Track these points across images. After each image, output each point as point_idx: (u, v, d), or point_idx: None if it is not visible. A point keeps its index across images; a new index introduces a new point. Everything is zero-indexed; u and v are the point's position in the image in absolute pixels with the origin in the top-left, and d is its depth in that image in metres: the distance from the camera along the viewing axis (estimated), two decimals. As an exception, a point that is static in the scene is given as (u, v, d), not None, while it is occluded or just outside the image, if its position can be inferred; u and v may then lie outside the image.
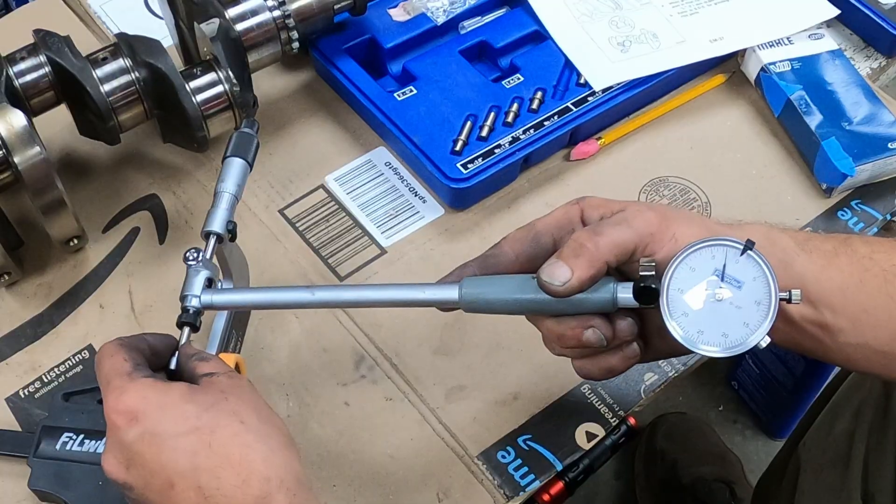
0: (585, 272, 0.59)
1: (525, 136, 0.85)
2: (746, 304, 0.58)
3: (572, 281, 0.59)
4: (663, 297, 0.58)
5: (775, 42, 0.92)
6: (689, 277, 0.58)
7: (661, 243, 0.59)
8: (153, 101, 0.80)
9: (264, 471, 0.54)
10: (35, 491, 0.69)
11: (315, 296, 0.65)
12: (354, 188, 0.88)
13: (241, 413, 0.56)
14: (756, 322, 0.57)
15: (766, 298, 0.57)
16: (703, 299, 0.58)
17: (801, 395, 1.31)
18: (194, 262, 0.66)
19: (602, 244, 0.59)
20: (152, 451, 0.55)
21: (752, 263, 0.58)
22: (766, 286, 0.57)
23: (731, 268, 0.58)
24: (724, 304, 0.58)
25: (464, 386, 0.77)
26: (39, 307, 0.81)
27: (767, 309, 0.57)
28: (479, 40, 0.93)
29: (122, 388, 0.56)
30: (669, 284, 0.58)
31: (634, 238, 0.59)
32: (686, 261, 0.58)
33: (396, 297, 0.64)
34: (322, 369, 0.78)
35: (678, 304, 0.58)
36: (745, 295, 0.58)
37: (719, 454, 1.35)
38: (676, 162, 0.90)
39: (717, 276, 0.58)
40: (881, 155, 0.85)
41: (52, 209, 0.75)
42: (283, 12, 0.84)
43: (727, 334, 0.58)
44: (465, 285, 0.62)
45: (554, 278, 0.59)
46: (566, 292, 0.59)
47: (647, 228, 0.60)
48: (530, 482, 0.72)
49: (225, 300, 0.66)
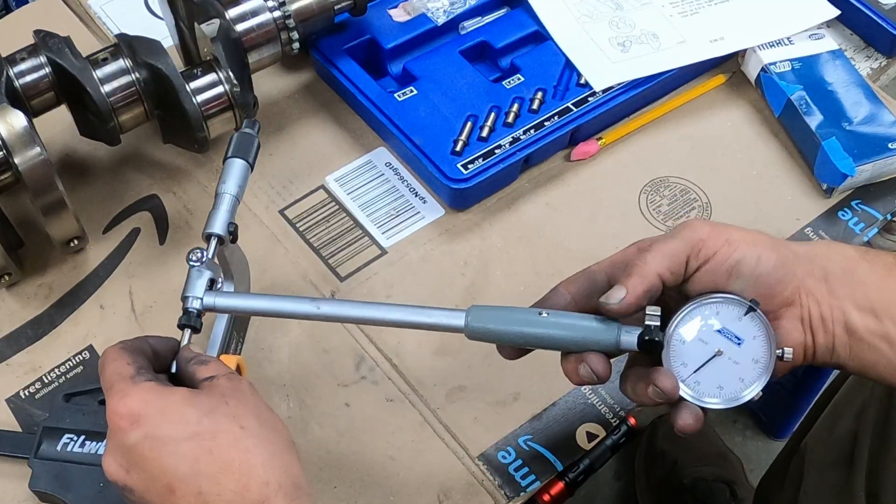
0: (639, 287, 0.60)
1: (525, 137, 0.85)
2: (744, 361, 0.61)
3: (628, 297, 0.60)
4: (666, 348, 0.61)
5: (775, 42, 0.92)
6: (692, 331, 0.61)
7: (713, 248, 0.61)
8: (153, 101, 0.80)
9: (263, 475, 0.54)
10: (36, 492, 0.69)
11: (320, 310, 0.64)
12: (355, 188, 0.88)
13: (242, 417, 0.56)
14: (751, 378, 0.61)
15: (763, 357, 0.61)
16: (704, 353, 0.61)
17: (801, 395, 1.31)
18: (198, 262, 0.66)
19: (650, 258, 0.61)
20: (153, 455, 0.55)
21: (755, 323, 0.60)
22: (765, 346, 0.60)
23: (733, 325, 0.61)
24: (722, 358, 0.61)
25: (464, 387, 0.77)
26: (40, 308, 0.81)
27: (764, 368, 0.61)
28: (479, 41, 0.93)
29: (124, 392, 0.57)
30: (673, 336, 0.61)
31: (683, 247, 0.61)
32: (693, 313, 0.61)
33: (402, 318, 0.64)
34: (323, 370, 0.78)
35: (679, 354, 0.61)
36: (744, 352, 0.61)
37: (720, 454, 1.35)
38: (677, 162, 0.90)
39: (719, 333, 0.61)
40: (881, 155, 0.85)
41: (52, 210, 0.75)
42: (283, 13, 0.84)
43: (722, 387, 0.61)
44: (471, 313, 0.63)
45: (610, 298, 0.61)
46: (622, 310, 0.60)
47: (695, 235, 0.61)
48: (531, 483, 0.72)
49: (227, 304, 0.66)
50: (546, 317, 0.62)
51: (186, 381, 0.61)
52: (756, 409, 1.45)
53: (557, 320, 0.62)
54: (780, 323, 0.62)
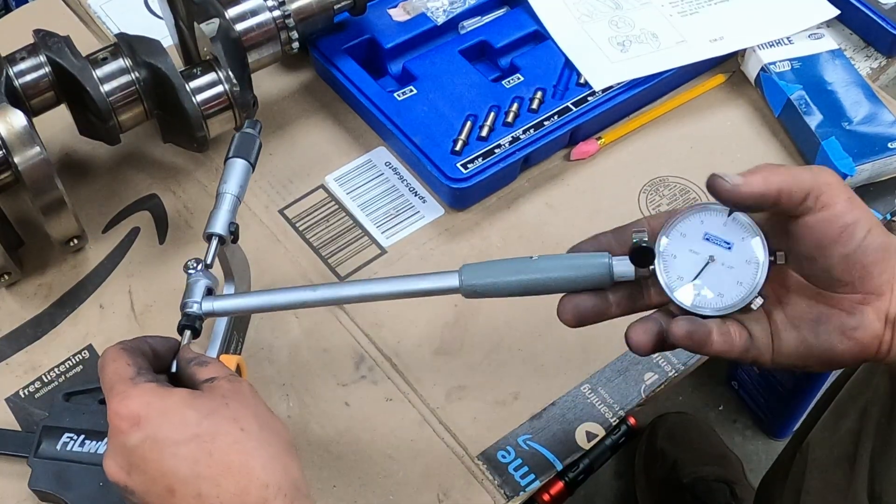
0: (758, 182, 0.57)
1: (525, 136, 0.85)
2: (738, 264, 0.60)
3: (743, 186, 0.58)
4: (658, 261, 0.60)
5: (775, 42, 0.92)
6: (680, 242, 0.61)
7: (835, 198, 0.58)
8: (153, 101, 0.80)
9: (263, 478, 0.54)
10: (35, 491, 0.69)
11: (316, 293, 0.65)
12: (354, 188, 0.88)
13: (242, 419, 0.56)
14: (749, 280, 0.60)
15: (756, 256, 0.60)
16: (697, 261, 0.60)
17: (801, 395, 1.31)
18: (194, 271, 0.66)
19: (781, 169, 0.58)
20: (154, 457, 0.55)
21: (739, 225, 0.60)
22: (755, 244, 0.60)
23: (719, 231, 0.60)
24: (716, 265, 0.60)
25: (464, 386, 0.77)
26: (39, 307, 0.81)
27: (758, 266, 0.59)
28: (479, 40, 0.93)
29: (125, 393, 0.57)
30: (663, 249, 0.61)
31: (811, 180, 0.58)
32: (676, 227, 0.61)
33: (397, 289, 0.64)
34: (322, 369, 0.78)
35: (673, 268, 0.61)
36: (736, 255, 0.60)
37: (719, 454, 1.35)
38: (676, 162, 0.90)
39: (707, 240, 0.60)
40: (881, 155, 0.85)
41: (52, 209, 0.75)
42: (282, 12, 0.84)
43: (723, 294, 0.60)
44: (464, 272, 0.63)
45: (727, 176, 0.58)
46: (734, 194, 0.58)
47: (823, 178, 0.58)
48: (530, 482, 0.72)
49: (225, 306, 0.66)
50: (536, 260, 0.63)
51: (186, 381, 0.61)
52: (756, 408, 1.46)
53: (549, 262, 0.63)
54: (864, 309, 0.59)
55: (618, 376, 0.77)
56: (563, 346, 0.78)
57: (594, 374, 0.77)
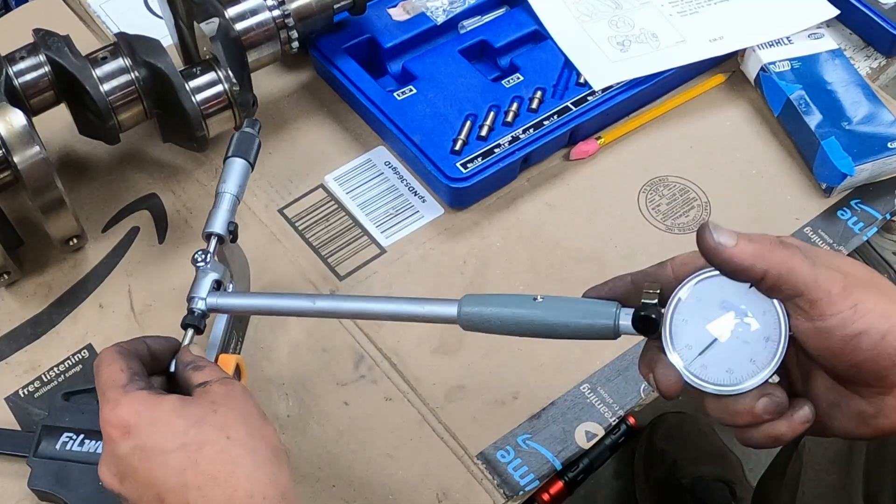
0: (747, 253, 0.52)
1: (525, 136, 0.85)
2: (755, 340, 0.54)
3: (727, 250, 0.52)
4: (666, 327, 0.55)
5: (775, 42, 0.92)
6: (695, 307, 0.55)
7: (834, 309, 0.51)
8: (153, 100, 0.80)
9: (248, 487, 0.54)
10: (35, 491, 0.69)
11: (315, 305, 0.64)
12: (354, 188, 0.88)
13: (229, 427, 0.56)
14: (764, 359, 0.54)
15: (775, 334, 0.53)
16: (709, 333, 0.55)
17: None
18: (203, 263, 0.66)
19: (779, 252, 0.52)
20: (143, 466, 0.55)
21: (763, 297, 0.54)
22: (776, 321, 0.53)
23: (740, 300, 0.54)
24: (731, 338, 0.54)
25: (463, 386, 0.77)
26: (39, 307, 0.81)
27: (776, 345, 0.53)
28: (478, 40, 0.93)
29: (116, 401, 0.57)
30: (673, 314, 0.55)
31: (807, 283, 0.52)
32: (692, 290, 0.55)
33: (396, 310, 0.63)
34: (322, 369, 0.78)
35: (681, 336, 0.55)
36: (754, 330, 0.54)
37: (719, 454, 1.35)
38: (676, 162, 0.90)
39: (724, 309, 0.54)
40: (881, 154, 0.85)
41: (51, 209, 0.75)
42: (282, 12, 0.84)
43: (732, 371, 0.54)
44: (464, 303, 0.61)
45: (718, 232, 0.52)
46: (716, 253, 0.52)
47: (828, 285, 0.52)
48: (530, 482, 0.72)
49: (229, 304, 0.66)
50: (541, 301, 0.59)
51: (182, 385, 0.61)
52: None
53: (552, 304, 0.58)
54: (886, 399, 0.53)
55: (617, 376, 0.77)
56: (563, 345, 0.78)
57: (594, 374, 0.77)
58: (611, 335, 0.57)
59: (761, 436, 0.55)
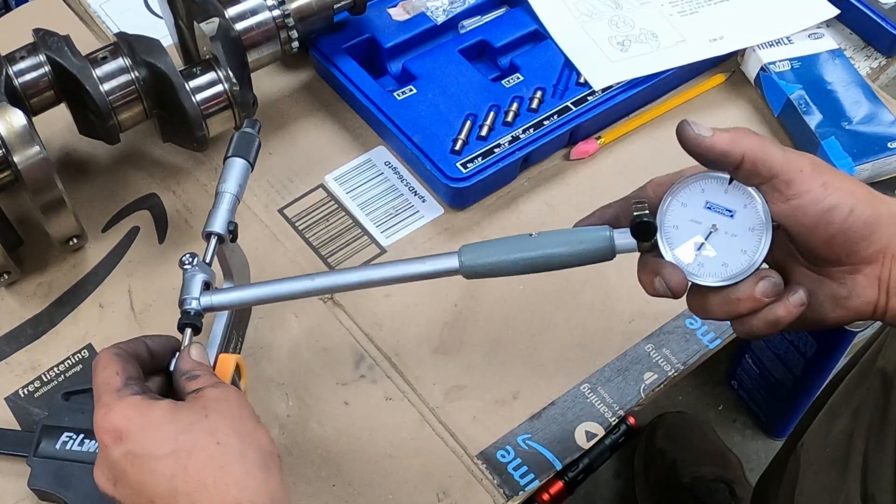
0: (724, 140, 0.57)
1: (525, 136, 0.85)
2: (741, 232, 0.59)
3: (707, 139, 0.58)
4: (660, 232, 0.59)
5: (775, 41, 0.92)
6: (681, 212, 0.60)
7: (806, 186, 0.57)
8: (153, 100, 0.80)
9: (237, 494, 0.54)
10: (35, 490, 0.69)
11: (315, 282, 0.64)
12: (354, 187, 0.88)
13: (219, 431, 0.56)
14: (753, 247, 0.59)
15: (759, 223, 0.59)
16: (699, 231, 0.59)
17: (800, 395, 1.31)
18: (190, 266, 0.66)
19: (754, 138, 0.57)
20: (135, 471, 0.56)
21: (741, 192, 0.59)
22: (757, 211, 0.58)
23: (721, 199, 0.59)
24: (719, 234, 0.59)
25: (463, 385, 0.77)
26: (39, 306, 0.81)
27: (762, 232, 0.58)
28: (478, 40, 0.93)
29: (109, 406, 0.57)
30: (664, 221, 0.60)
31: (781, 164, 0.57)
32: (677, 196, 0.60)
33: (398, 273, 0.64)
34: (322, 369, 0.78)
35: (675, 239, 0.60)
36: (739, 223, 0.59)
37: (719, 454, 1.35)
38: (676, 161, 0.89)
39: (709, 209, 0.59)
40: (881, 154, 0.85)
41: (51, 208, 0.75)
42: (282, 12, 0.84)
43: (727, 264, 0.59)
44: (463, 253, 0.62)
45: (695, 125, 0.58)
46: (697, 143, 0.58)
47: (796, 164, 0.58)
48: (530, 482, 0.72)
49: (224, 300, 0.66)
50: (536, 236, 0.62)
51: (178, 392, 0.61)
52: (756, 408, 1.46)
53: (548, 238, 0.62)
54: (856, 278, 0.59)
55: (617, 376, 0.77)
56: (563, 345, 0.78)
57: (594, 374, 0.77)
58: (609, 255, 0.61)
59: (761, 322, 0.59)
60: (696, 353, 0.78)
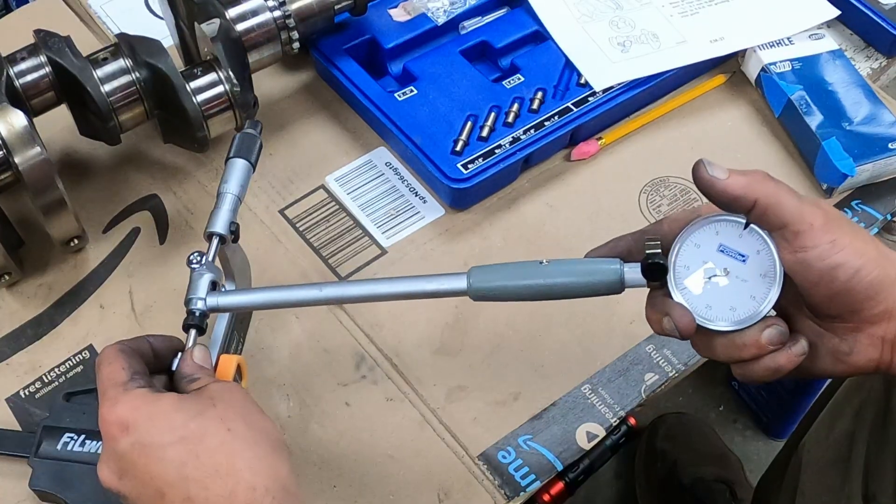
0: (738, 184, 0.57)
1: (525, 137, 0.85)
2: (752, 278, 0.59)
3: (720, 182, 0.57)
4: (671, 273, 0.59)
5: (776, 42, 0.92)
6: (694, 254, 0.59)
7: (814, 241, 0.56)
8: (153, 101, 0.80)
9: (250, 479, 0.54)
10: (36, 491, 0.69)
11: (322, 292, 0.64)
12: (355, 188, 0.88)
13: (229, 419, 0.56)
14: (762, 294, 0.58)
15: (771, 270, 0.58)
16: (710, 275, 0.59)
17: (801, 396, 1.31)
18: (198, 265, 0.66)
19: (770, 184, 0.57)
20: (143, 461, 0.55)
21: (756, 237, 0.59)
22: (770, 258, 0.58)
23: (734, 243, 0.59)
24: (730, 278, 0.59)
25: (464, 386, 0.77)
26: (40, 307, 0.81)
27: (773, 280, 0.58)
28: (479, 40, 0.93)
29: (115, 399, 0.57)
30: (676, 261, 0.59)
31: (793, 214, 0.56)
32: (691, 238, 0.60)
33: (405, 290, 0.64)
34: (323, 370, 0.78)
35: (685, 280, 0.59)
36: (750, 268, 0.59)
37: (719, 454, 1.35)
38: (677, 162, 0.90)
39: (721, 252, 0.59)
40: (881, 155, 0.85)
41: (52, 209, 0.75)
42: (283, 12, 0.84)
43: (735, 308, 0.59)
44: (472, 274, 0.62)
45: (711, 166, 0.57)
46: (710, 185, 0.57)
47: (807, 217, 0.57)
48: (531, 482, 0.72)
49: (230, 302, 0.66)
50: (546, 265, 0.62)
51: (180, 391, 0.61)
52: (756, 409, 1.46)
53: (559, 267, 0.62)
54: (859, 336, 0.59)
55: (618, 377, 0.77)
56: (564, 346, 0.78)
57: (594, 375, 0.77)
58: (618, 289, 0.61)
59: (761, 368, 0.59)
60: (696, 354, 0.78)
